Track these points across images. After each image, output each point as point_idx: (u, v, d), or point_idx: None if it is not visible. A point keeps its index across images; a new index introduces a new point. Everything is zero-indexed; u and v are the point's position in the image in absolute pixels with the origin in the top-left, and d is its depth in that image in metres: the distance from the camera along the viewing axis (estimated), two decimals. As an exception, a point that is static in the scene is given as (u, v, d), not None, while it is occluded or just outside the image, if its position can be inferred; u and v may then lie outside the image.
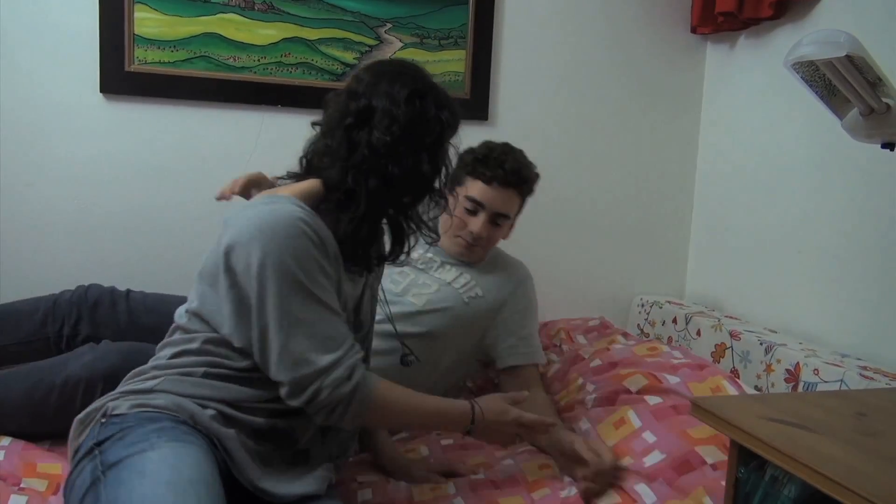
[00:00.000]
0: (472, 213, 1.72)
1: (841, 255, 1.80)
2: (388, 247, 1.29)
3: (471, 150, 1.73)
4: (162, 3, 1.95)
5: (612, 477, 1.37)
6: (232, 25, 2.00)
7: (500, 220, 1.74)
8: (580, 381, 1.73)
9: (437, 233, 1.36)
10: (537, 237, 2.30)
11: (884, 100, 1.12)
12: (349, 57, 2.09)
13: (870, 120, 1.15)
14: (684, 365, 1.64)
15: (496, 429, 1.30)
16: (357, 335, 1.26)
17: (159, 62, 1.96)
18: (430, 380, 1.70)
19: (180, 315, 1.25)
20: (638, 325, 2.33)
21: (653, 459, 1.38)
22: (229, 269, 1.13)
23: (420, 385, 1.53)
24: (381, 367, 1.55)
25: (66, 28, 1.91)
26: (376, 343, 1.52)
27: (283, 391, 1.14)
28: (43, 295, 1.77)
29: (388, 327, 1.55)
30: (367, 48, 2.10)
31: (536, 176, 1.79)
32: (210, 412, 1.14)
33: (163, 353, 1.23)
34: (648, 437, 1.44)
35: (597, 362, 1.76)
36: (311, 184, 1.23)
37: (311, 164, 1.28)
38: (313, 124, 1.33)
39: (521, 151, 1.78)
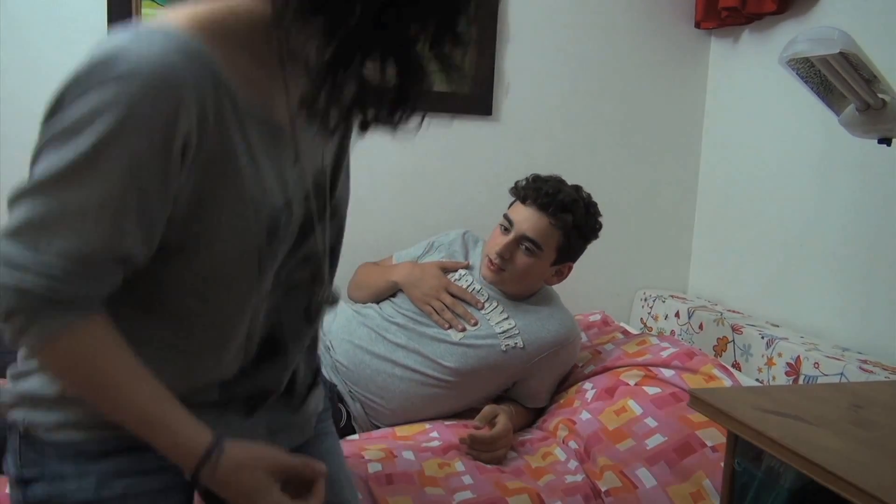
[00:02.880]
0: (505, 231, 1.69)
1: (842, 251, 1.81)
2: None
3: (527, 178, 1.75)
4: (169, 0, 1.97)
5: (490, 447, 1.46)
6: (238, 21, 2.02)
7: (527, 246, 1.66)
8: (578, 384, 1.75)
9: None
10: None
11: (879, 96, 1.13)
12: (354, 52, 2.11)
13: (866, 116, 1.17)
14: (674, 356, 1.68)
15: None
16: (331, 229, 0.98)
17: (166, 58, 1.98)
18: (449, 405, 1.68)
19: None
20: (641, 318, 2.35)
21: (655, 442, 1.43)
22: None
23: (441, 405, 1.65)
24: (413, 379, 1.61)
25: (76, 22, 1.93)
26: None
27: None
28: None
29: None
30: (372, 43, 2.12)
31: (587, 217, 1.71)
32: None
33: None
34: (650, 422, 1.48)
35: (590, 368, 1.77)
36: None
37: None
38: None
39: (582, 192, 1.74)
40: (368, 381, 1.63)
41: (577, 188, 1.74)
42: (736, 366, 1.87)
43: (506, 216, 1.70)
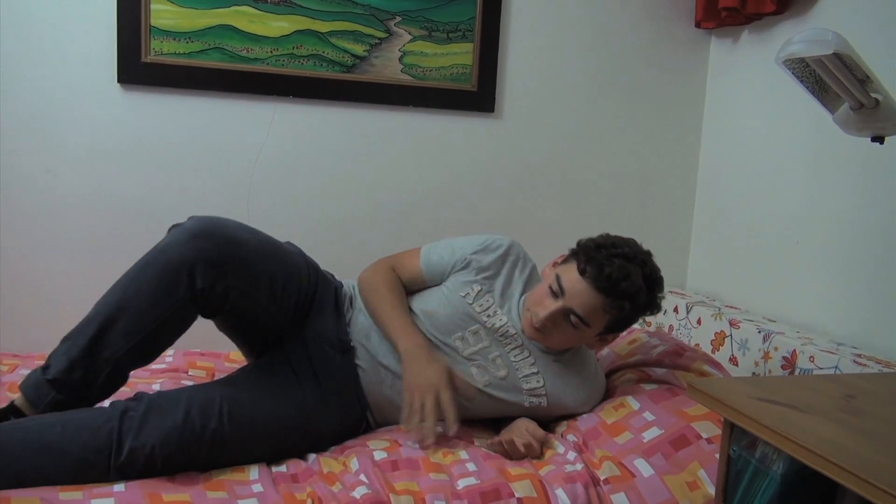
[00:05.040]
0: (554, 296, 1.52)
1: (838, 247, 1.84)
2: None
3: (595, 238, 1.60)
4: (177, -4, 2.00)
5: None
6: (245, 17, 2.05)
7: (574, 320, 1.51)
8: None
9: None
10: (542, 226, 2.35)
11: (872, 95, 1.16)
12: (359, 49, 2.14)
13: (860, 115, 1.20)
14: (664, 354, 1.72)
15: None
16: None
17: (175, 53, 2.01)
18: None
19: None
20: (640, 313, 2.38)
21: (651, 434, 1.46)
22: None
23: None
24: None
25: (85, 19, 1.96)
26: None
27: None
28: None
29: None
30: (377, 41, 2.15)
31: (649, 303, 1.55)
32: None
33: None
34: (648, 416, 1.51)
35: None
36: None
37: None
38: None
39: (649, 266, 1.55)
40: (378, 390, 1.56)
41: (644, 262, 1.55)
42: (733, 360, 1.90)
43: (558, 279, 1.52)
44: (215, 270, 1.39)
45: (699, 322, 2.08)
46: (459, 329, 1.58)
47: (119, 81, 2.00)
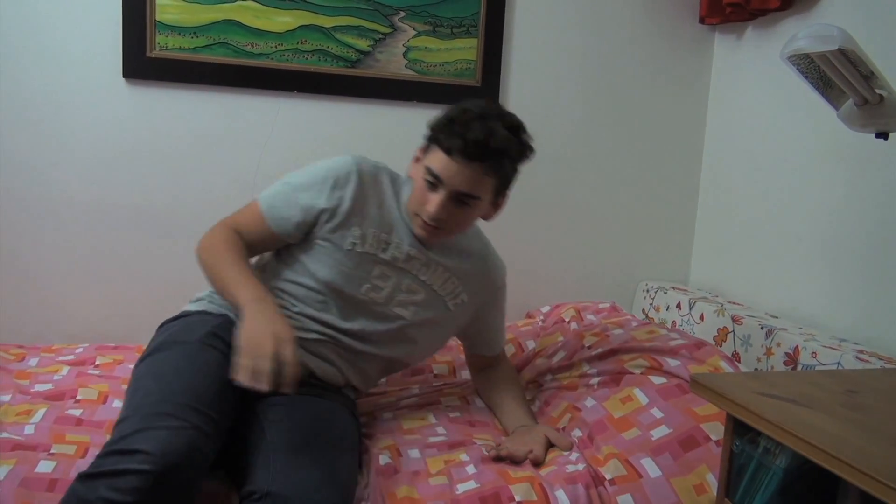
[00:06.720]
0: (433, 187, 1.44)
1: (840, 243, 1.85)
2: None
3: (442, 115, 1.47)
4: (183, -9, 2.00)
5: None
6: (250, 12, 2.05)
7: (466, 200, 1.44)
8: (584, 367, 1.76)
9: None
10: (544, 223, 2.36)
11: (877, 91, 1.17)
12: (363, 44, 2.14)
13: (864, 110, 1.20)
14: (682, 346, 1.69)
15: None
16: None
17: (180, 48, 2.02)
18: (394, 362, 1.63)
19: None
20: (643, 309, 2.38)
21: (660, 433, 1.44)
22: None
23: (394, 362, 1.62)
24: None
25: (91, 14, 1.97)
26: None
27: None
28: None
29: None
30: (381, 36, 2.15)
31: (521, 148, 1.48)
32: None
33: None
34: (656, 412, 1.49)
35: (598, 350, 1.78)
36: None
37: None
38: None
39: (506, 116, 1.46)
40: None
41: (501, 114, 1.46)
42: (735, 356, 1.91)
43: (429, 170, 1.43)
44: None
45: (702, 318, 2.08)
46: (365, 280, 1.51)
47: (124, 76, 2.00)
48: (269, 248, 1.56)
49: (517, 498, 1.30)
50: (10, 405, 1.52)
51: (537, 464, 1.42)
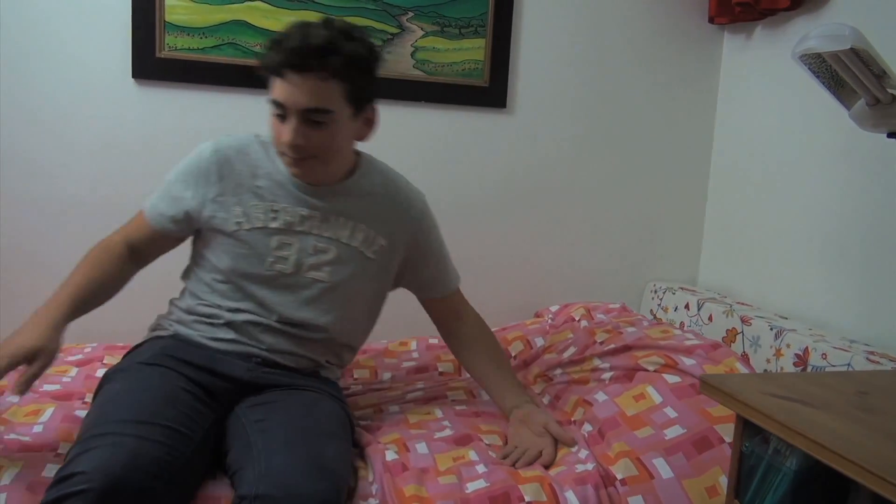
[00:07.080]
0: (282, 119, 1.37)
1: (851, 244, 1.84)
2: None
3: (265, 45, 1.39)
4: (192, -9, 2.01)
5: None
6: (259, 13, 2.06)
7: (319, 118, 1.35)
8: (596, 361, 1.75)
9: None
10: (552, 223, 2.35)
11: (889, 91, 1.16)
12: (372, 45, 2.14)
13: (876, 110, 1.19)
14: (698, 346, 1.68)
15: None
16: None
17: (189, 49, 2.02)
18: (346, 327, 1.56)
19: None
20: (651, 310, 2.38)
21: (674, 433, 1.43)
22: None
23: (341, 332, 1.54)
24: None
25: (100, 15, 1.97)
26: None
27: None
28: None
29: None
30: (389, 36, 2.15)
31: (356, 46, 1.35)
32: None
33: None
34: (670, 412, 1.48)
35: (610, 346, 1.78)
36: None
37: None
38: None
39: (333, 21, 1.37)
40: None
41: (326, 21, 1.37)
42: (745, 357, 1.90)
43: (272, 103, 1.37)
44: None
45: (710, 319, 2.07)
46: (266, 255, 1.46)
47: (134, 76, 2.01)
48: (162, 247, 1.55)
49: (527, 498, 1.30)
50: (18, 406, 1.52)
51: (548, 465, 1.42)
